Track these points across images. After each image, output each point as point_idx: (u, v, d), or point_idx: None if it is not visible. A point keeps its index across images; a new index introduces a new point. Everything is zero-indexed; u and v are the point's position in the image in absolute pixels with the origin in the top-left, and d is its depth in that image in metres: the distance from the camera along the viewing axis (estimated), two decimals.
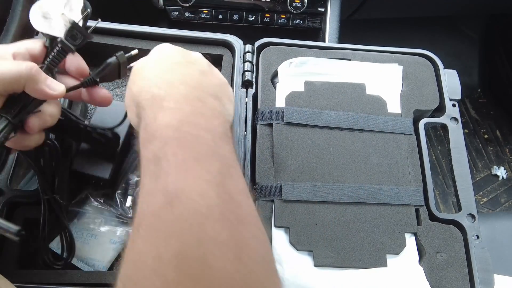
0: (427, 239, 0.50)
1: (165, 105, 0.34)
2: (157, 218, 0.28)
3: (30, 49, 0.40)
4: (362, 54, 0.60)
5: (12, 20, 0.47)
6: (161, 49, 0.40)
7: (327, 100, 0.55)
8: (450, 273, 0.48)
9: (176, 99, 0.34)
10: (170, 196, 0.28)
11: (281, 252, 0.47)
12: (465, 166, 0.55)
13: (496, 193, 1.41)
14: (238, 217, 0.29)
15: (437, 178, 1.40)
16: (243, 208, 0.31)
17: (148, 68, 0.38)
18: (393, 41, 0.63)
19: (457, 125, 0.57)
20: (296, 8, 0.82)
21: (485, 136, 1.50)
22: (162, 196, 0.29)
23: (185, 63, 0.39)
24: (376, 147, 0.53)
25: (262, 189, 0.50)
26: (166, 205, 0.28)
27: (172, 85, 0.35)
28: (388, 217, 0.50)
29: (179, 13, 0.82)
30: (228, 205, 0.29)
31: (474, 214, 0.52)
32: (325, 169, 0.52)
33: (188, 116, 0.33)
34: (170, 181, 0.29)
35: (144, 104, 0.35)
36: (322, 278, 0.46)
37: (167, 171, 0.30)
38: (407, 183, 0.52)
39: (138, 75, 0.39)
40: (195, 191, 0.29)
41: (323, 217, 0.49)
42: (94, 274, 0.46)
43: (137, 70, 0.39)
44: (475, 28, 1.56)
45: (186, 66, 0.38)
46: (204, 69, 0.40)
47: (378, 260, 0.48)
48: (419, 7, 1.22)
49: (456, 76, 0.60)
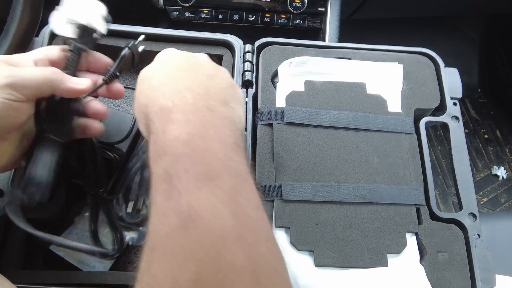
0: (428, 238, 0.50)
1: (173, 117, 0.33)
2: (172, 240, 0.28)
3: (49, 54, 0.42)
4: (363, 53, 0.60)
5: (12, 20, 0.47)
6: (166, 54, 0.40)
7: (327, 100, 0.55)
8: (451, 272, 0.48)
9: (184, 110, 0.33)
10: (184, 218, 0.28)
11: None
12: (466, 165, 0.55)
13: (496, 193, 1.40)
14: (254, 235, 0.29)
15: (437, 178, 1.40)
16: (259, 224, 0.30)
17: (153, 76, 0.38)
18: (393, 41, 0.63)
19: (458, 124, 0.57)
20: (296, 8, 0.82)
21: (485, 136, 1.50)
22: (176, 217, 0.28)
23: (191, 68, 0.38)
24: (377, 147, 0.53)
25: (262, 189, 0.50)
26: (180, 227, 0.28)
27: (179, 94, 0.34)
28: (388, 217, 0.50)
29: (179, 13, 0.82)
30: (244, 224, 0.29)
31: (475, 213, 0.52)
32: (325, 169, 0.51)
33: (198, 128, 0.32)
34: (183, 202, 0.28)
35: (153, 117, 0.34)
36: (322, 278, 0.46)
37: (179, 190, 0.29)
38: (408, 182, 0.52)
39: (144, 84, 0.38)
40: (209, 212, 0.28)
41: (324, 217, 0.49)
42: (94, 274, 0.46)
43: (143, 78, 0.39)
44: (475, 28, 1.56)
45: (192, 71, 0.38)
46: (210, 72, 0.39)
47: (379, 260, 0.48)
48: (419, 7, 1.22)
49: (457, 74, 0.59)
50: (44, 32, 0.54)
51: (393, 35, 1.46)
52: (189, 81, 0.36)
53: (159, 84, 0.36)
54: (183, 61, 0.39)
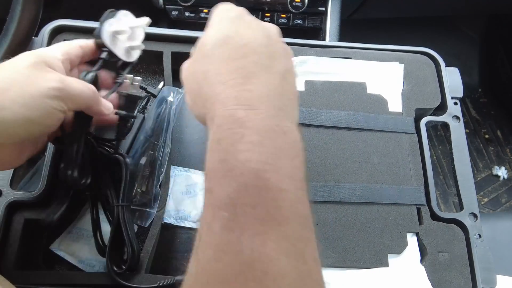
0: (428, 238, 0.50)
1: (246, 134, 0.29)
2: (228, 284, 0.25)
3: (70, 54, 0.41)
4: (363, 52, 0.59)
5: (12, 20, 0.47)
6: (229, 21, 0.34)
7: (327, 100, 0.55)
8: (452, 272, 0.48)
9: (258, 129, 0.29)
10: (246, 265, 0.25)
11: None
12: (467, 165, 0.55)
13: (497, 193, 1.40)
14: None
15: (437, 178, 1.40)
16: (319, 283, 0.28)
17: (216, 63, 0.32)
18: (393, 41, 0.63)
19: (459, 124, 0.57)
20: (296, 7, 0.82)
21: (486, 136, 1.50)
22: (236, 260, 0.26)
23: (268, 64, 0.32)
24: (377, 146, 0.53)
25: None
26: (240, 275, 0.25)
27: (252, 104, 0.30)
28: (389, 217, 0.50)
29: (179, 13, 0.82)
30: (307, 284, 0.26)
31: (476, 213, 0.52)
32: (326, 169, 0.51)
33: (270, 157, 0.28)
34: (246, 243, 0.26)
35: (221, 122, 0.30)
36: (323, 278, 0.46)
37: (242, 226, 0.26)
38: (408, 182, 0.52)
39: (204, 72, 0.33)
40: (275, 268, 0.25)
41: (324, 217, 0.49)
42: (95, 275, 0.46)
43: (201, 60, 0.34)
44: (475, 28, 1.56)
45: (269, 69, 0.32)
46: (285, 69, 0.33)
47: (380, 260, 0.48)
48: (419, 7, 1.22)
49: (457, 74, 0.59)
50: (44, 32, 0.54)
51: (393, 35, 1.46)
52: (264, 84, 0.31)
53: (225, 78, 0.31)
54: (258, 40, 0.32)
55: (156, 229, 0.48)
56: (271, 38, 0.34)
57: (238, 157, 0.28)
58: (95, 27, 0.43)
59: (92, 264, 0.49)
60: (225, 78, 0.31)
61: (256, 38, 0.33)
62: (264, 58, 0.32)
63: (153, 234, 0.47)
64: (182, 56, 0.57)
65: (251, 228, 0.26)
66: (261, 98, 0.30)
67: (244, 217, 0.26)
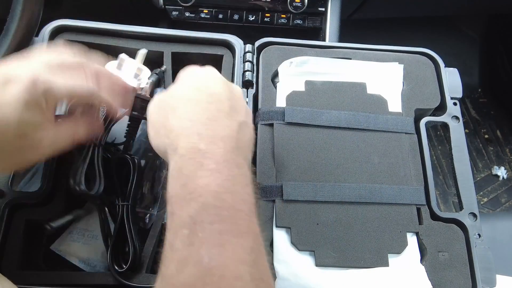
0: (428, 238, 0.50)
1: (206, 163, 0.33)
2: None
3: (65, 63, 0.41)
4: (363, 53, 0.60)
5: (12, 20, 0.47)
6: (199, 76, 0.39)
7: (327, 100, 0.55)
8: (452, 272, 0.48)
9: (216, 160, 0.33)
10: (204, 272, 0.28)
11: (282, 252, 0.47)
12: (467, 165, 0.55)
13: (497, 193, 1.40)
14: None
15: (437, 178, 1.40)
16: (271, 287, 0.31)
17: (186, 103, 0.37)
18: (393, 41, 0.63)
19: (459, 124, 0.57)
20: (296, 8, 0.82)
21: (486, 136, 1.50)
22: (195, 269, 0.28)
23: (229, 112, 0.37)
24: (377, 147, 0.53)
25: (263, 189, 0.49)
26: (199, 281, 0.28)
27: (213, 140, 0.35)
28: (389, 217, 0.50)
29: (179, 13, 0.82)
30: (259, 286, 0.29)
31: (475, 213, 0.52)
32: (326, 169, 0.51)
33: (226, 182, 0.33)
34: (205, 254, 0.29)
35: (183, 153, 0.34)
36: (323, 278, 0.46)
37: (201, 240, 0.29)
38: (408, 182, 0.52)
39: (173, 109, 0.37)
40: (230, 272, 0.28)
41: (325, 217, 0.49)
42: (95, 275, 0.46)
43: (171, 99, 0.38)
44: (475, 28, 1.56)
45: (229, 116, 0.37)
46: (242, 119, 0.38)
47: (380, 260, 0.48)
48: (419, 7, 1.22)
49: (457, 74, 0.59)
50: (44, 32, 0.54)
51: (393, 35, 1.46)
52: (224, 128, 0.36)
53: (192, 117, 0.36)
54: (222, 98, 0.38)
55: (157, 229, 0.48)
56: (235, 95, 0.40)
57: (198, 182, 0.32)
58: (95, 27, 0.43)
59: (93, 264, 0.49)
60: (193, 116, 0.36)
61: (222, 91, 0.38)
62: (227, 108, 0.37)
63: (154, 234, 0.47)
64: (182, 56, 0.57)
65: (210, 241, 0.29)
66: (221, 138, 0.35)
67: (203, 232, 0.30)
